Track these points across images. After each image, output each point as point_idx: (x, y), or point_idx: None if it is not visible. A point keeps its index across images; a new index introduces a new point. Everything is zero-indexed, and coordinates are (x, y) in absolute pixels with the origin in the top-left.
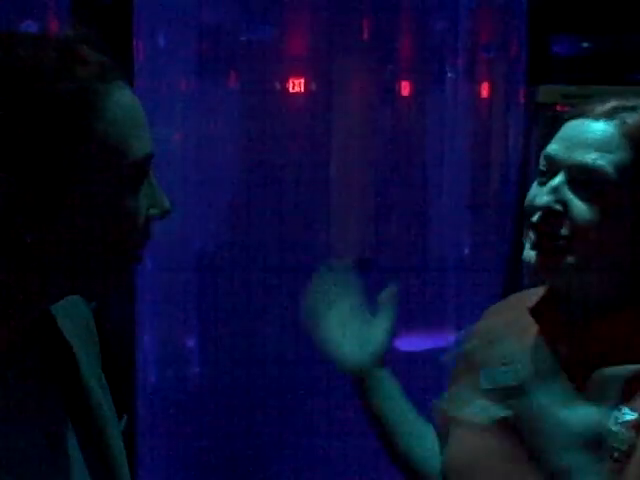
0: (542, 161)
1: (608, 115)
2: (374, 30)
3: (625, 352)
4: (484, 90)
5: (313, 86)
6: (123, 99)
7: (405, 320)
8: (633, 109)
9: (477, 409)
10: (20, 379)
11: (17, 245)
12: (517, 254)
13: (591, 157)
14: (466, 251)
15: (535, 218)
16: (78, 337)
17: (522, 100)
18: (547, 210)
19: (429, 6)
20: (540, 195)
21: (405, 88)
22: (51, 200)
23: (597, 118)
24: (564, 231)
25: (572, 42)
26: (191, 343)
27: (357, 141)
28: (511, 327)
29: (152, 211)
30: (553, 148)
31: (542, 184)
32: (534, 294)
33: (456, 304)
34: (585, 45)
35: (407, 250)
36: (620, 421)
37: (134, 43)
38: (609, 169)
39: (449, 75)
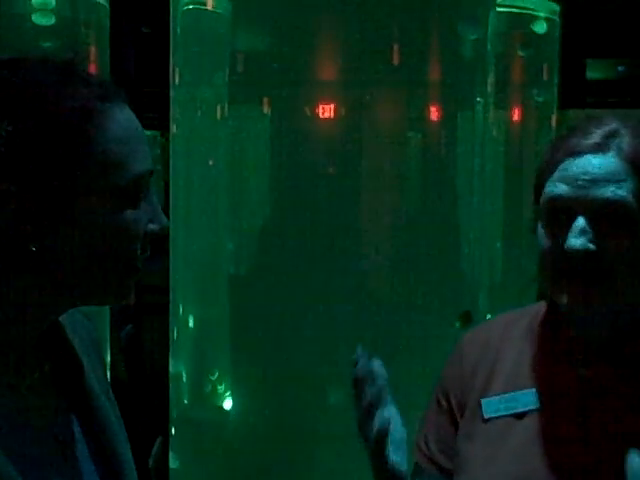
0: (550, 203)
1: (603, 147)
2: (404, 55)
3: None
4: (515, 115)
5: (343, 111)
6: (123, 118)
7: None
8: (620, 133)
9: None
10: (32, 389)
11: (24, 255)
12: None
13: (610, 190)
14: (499, 278)
15: (571, 262)
16: (85, 352)
17: (554, 125)
18: (584, 252)
19: (460, 30)
20: (572, 238)
21: (435, 113)
22: (55, 211)
23: (594, 152)
24: (597, 268)
25: (606, 66)
26: (225, 365)
27: (387, 166)
28: (504, 352)
29: (151, 226)
30: (563, 189)
31: (559, 227)
32: (521, 314)
33: None
34: (619, 69)
35: (437, 276)
36: None
37: (170, 69)
38: (629, 198)
39: (480, 100)
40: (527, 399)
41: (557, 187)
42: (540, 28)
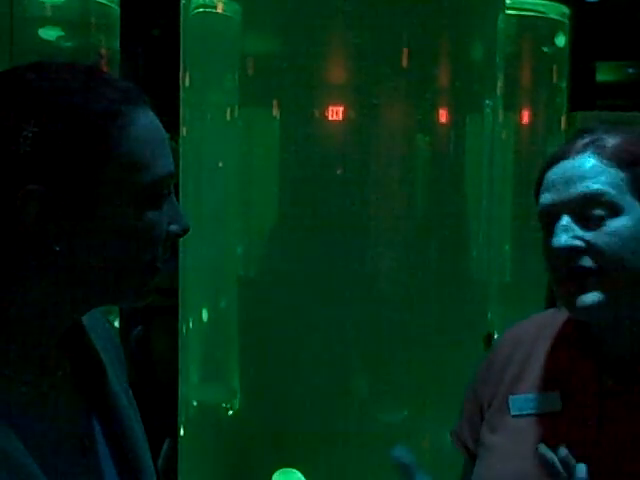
0: (541, 214)
1: (583, 150)
2: (413, 58)
3: None
4: (525, 117)
5: (352, 114)
6: (147, 121)
7: None
8: (602, 138)
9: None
10: (54, 388)
11: (47, 254)
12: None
13: (584, 186)
14: (508, 279)
15: (558, 260)
16: (105, 352)
17: (564, 127)
18: (568, 249)
19: (469, 33)
20: (555, 237)
21: (444, 116)
22: (79, 211)
23: (574, 156)
24: (588, 264)
25: (616, 69)
26: (234, 368)
27: (396, 168)
28: (536, 352)
29: (172, 228)
30: (546, 198)
31: (551, 234)
32: (557, 316)
33: None
34: (630, 71)
35: (446, 278)
36: None
37: (180, 72)
38: (606, 189)
39: (489, 102)
40: (551, 401)
41: (542, 197)
42: (560, 41)
